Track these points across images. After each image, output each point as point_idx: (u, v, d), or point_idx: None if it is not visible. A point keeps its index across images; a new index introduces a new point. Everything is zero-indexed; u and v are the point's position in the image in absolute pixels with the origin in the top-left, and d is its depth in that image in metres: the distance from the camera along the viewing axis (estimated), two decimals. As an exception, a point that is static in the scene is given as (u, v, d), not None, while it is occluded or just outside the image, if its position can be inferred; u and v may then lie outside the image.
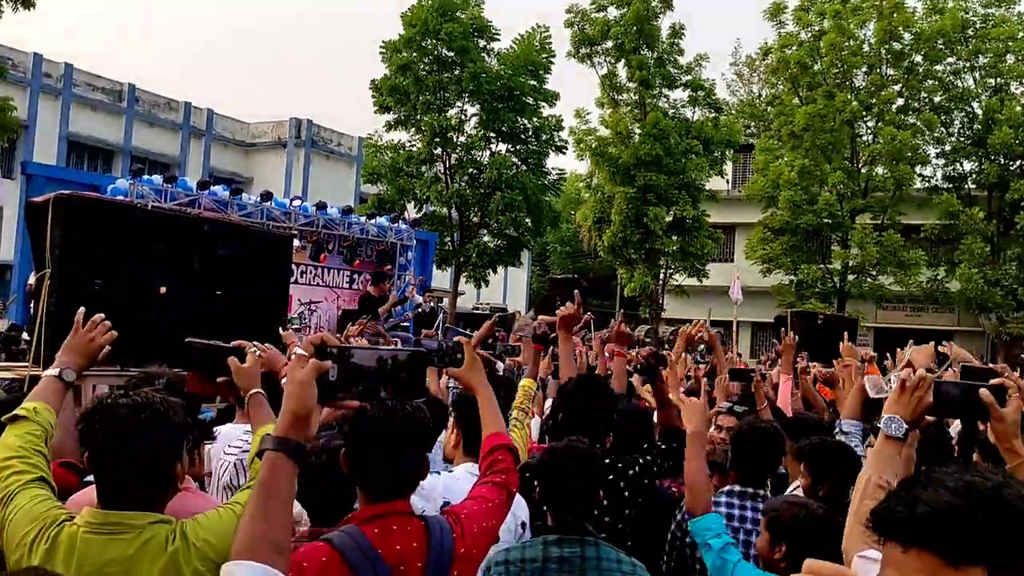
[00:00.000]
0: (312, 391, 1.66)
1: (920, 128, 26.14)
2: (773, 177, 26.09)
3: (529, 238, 25.34)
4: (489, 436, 2.48)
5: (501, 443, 2.45)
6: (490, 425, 2.52)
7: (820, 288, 25.78)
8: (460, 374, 2.61)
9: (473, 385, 2.59)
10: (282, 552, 1.57)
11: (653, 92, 26.72)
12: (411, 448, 2.09)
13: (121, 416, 1.91)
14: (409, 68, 23.25)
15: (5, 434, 2.11)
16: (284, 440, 1.62)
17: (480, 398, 2.58)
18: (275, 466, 1.61)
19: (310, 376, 1.66)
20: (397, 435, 2.04)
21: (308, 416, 1.65)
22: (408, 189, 23.60)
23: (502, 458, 2.41)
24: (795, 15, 27.46)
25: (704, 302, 25.03)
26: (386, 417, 2.03)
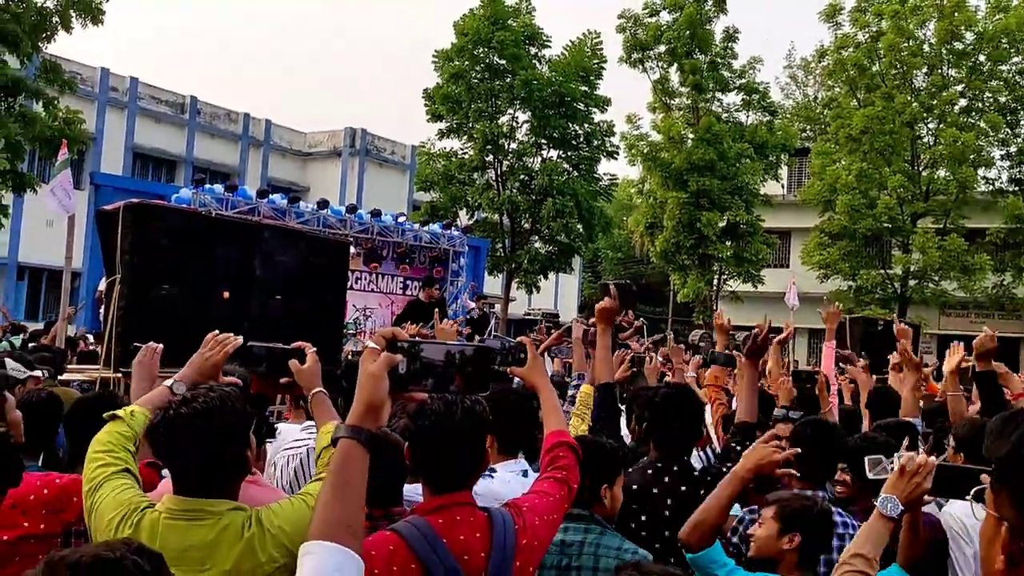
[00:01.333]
0: (384, 383, 1.73)
1: (984, 129, 25.42)
2: (830, 181, 25.63)
3: (580, 244, 25.32)
4: (551, 433, 2.53)
5: (563, 440, 2.50)
6: (552, 423, 2.57)
7: (880, 294, 25.24)
8: (524, 373, 2.67)
9: (536, 384, 2.66)
10: (356, 535, 1.65)
11: (706, 96, 26.53)
12: (471, 440, 2.15)
13: (182, 422, 2.01)
14: (461, 76, 23.48)
15: (100, 432, 2.25)
16: (358, 428, 1.70)
17: (543, 397, 2.64)
18: (349, 454, 1.69)
19: (382, 368, 1.73)
20: (457, 428, 2.10)
21: (380, 406, 1.73)
22: (460, 196, 23.79)
23: (563, 455, 2.46)
24: (852, 16, 26.97)
25: (759, 308, 24.60)
26: (446, 411, 2.10)
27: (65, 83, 16.41)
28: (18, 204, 19.69)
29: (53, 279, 23.69)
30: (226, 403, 2.06)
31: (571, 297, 37.88)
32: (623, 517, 3.13)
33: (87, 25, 15.87)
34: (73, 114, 15.69)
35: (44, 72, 16.15)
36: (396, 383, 1.78)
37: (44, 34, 15.84)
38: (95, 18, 15.85)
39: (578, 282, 39.38)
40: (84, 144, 17.40)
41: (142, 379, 2.76)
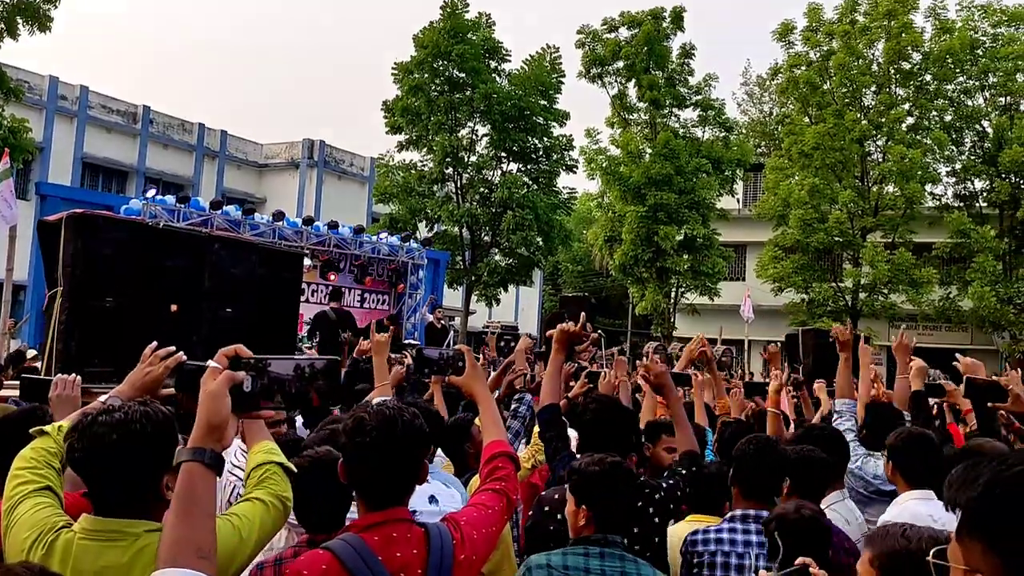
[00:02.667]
0: (224, 401, 1.72)
1: (930, 147, 26.07)
2: (784, 196, 26.08)
3: (540, 257, 25.40)
4: (490, 444, 2.50)
5: (501, 451, 2.47)
6: (491, 432, 2.55)
7: (832, 306, 25.67)
8: (462, 382, 2.66)
9: (475, 393, 2.65)
10: (206, 556, 1.61)
11: (664, 112, 26.87)
12: (410, 455, 2.10)
13: (100, 433, 1.92)
14: (421, 89, 23.46)
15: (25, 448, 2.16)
16: (200, 450, 1.69)
17: (481, 405, 2.62)
18: (192, 474, 1.67)
19: (223, 387, 1.73)
20: (398, 443, 2.06)
21: (222, 426, 1.72)
22: (419, 208, 23.73)
23: (502, 465, 2.43)
24: (804, 35, 27.56)
25: (715, 320, 24.93)
26: (387, 426, 2.05)
27: (11, 91, 16.06)
28: (-38, 214, 19.16)
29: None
30: (149, 416, 1.96)
31: (531, 310, 37.94)
32: (548, 532, 3.09)
33: (34, 32, 15.57)
34: (19, 123, 15.35)
35: (-11, 79, 15.79)
36: (243, 401, 1.76)
37: (-11, 40, 15.51)
38: (42, 25, 15.56)
39: (539, 295, 39.47)
40: (30, 153, 16.98)
41: (65, 412, 2.64)
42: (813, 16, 27.40)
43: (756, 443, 3.45)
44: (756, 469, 3.35)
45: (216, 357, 1.79)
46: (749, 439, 3.54)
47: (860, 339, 5.33)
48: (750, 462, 3.37)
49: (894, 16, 25.67)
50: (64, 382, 2.82)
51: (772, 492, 3.40)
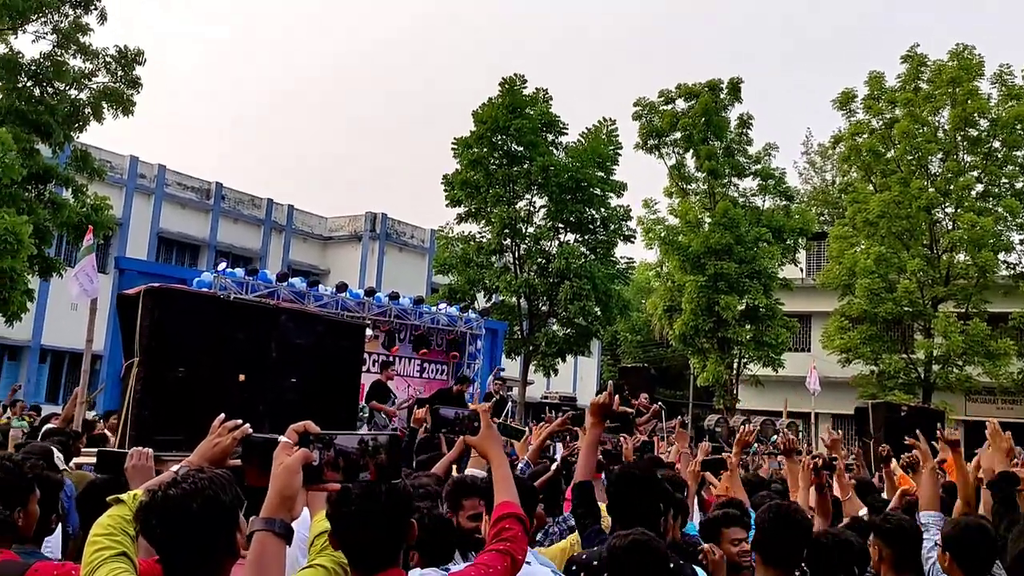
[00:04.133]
0: (297, 476, 1.84)
1: (1002, 214, 25.45)
2: (849, 265, 25.62)
3: (598, 327, 25.27)
4: (500, 504, 2.51)
5: (510, 512, 2.48)
6: (502, 493, 2.55)
7: (903, 379, 24.87)
8: (476, 442, 2.68)
9: (488, 454, 2.66)
10: None
11: (722, 181, 26.87)
12: (393, 522, 2.13)
13: (170, 503, 2.01)
14: (480, 163, 23.92)
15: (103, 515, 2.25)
16: (271, 520, 1.80)
17: (493, 466, 2.63)
18: (264, 544, 1.78)
19: (297, 463, 1.85)
20: (379, 512, 2.09)
21: (293, 497, 1.83)
22: (478, 279, 23.93)
23: (510, 527, 2.43)
24: (865, 103, 27.43)
25: (780, 393, 24.32)
26: (367, 496, 2.08)
27: (95, 171, 16.91)
28: (44, 288, 20.03)
29: (75, 362, 23.89)
30: (215, 484, 2.04)
31: (590, 380, 37.62)
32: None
33: (118, 116, 16.43)
34: (101, 200, 16.11)
35: (75, 160, 16.65)
36: (311, 474, 1.88)
37: (76, 124, 16.40)
38: (126, 109, 16.43)
39: (597, 365, 39.16)
40: (110, 229, 17.82)
41: (140, 483, 2.76)
42: (875, 84, 27.29)
43: (777, 511, 3.43)
44: (777, 536, 3.35)
45: (287, 433, 1.91)
46: (770, 506, 3.52)
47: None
48: (771, 529, 3.37)
49: (959, 83, 25.43)
50: (139, 454, 2.95)
51: (794, 561, 3.39)
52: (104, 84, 16.48)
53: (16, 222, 13.37)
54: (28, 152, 15.19)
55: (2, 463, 2.93)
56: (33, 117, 15.50)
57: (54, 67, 15.96)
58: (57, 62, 16.00)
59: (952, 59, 26.00)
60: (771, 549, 3.35)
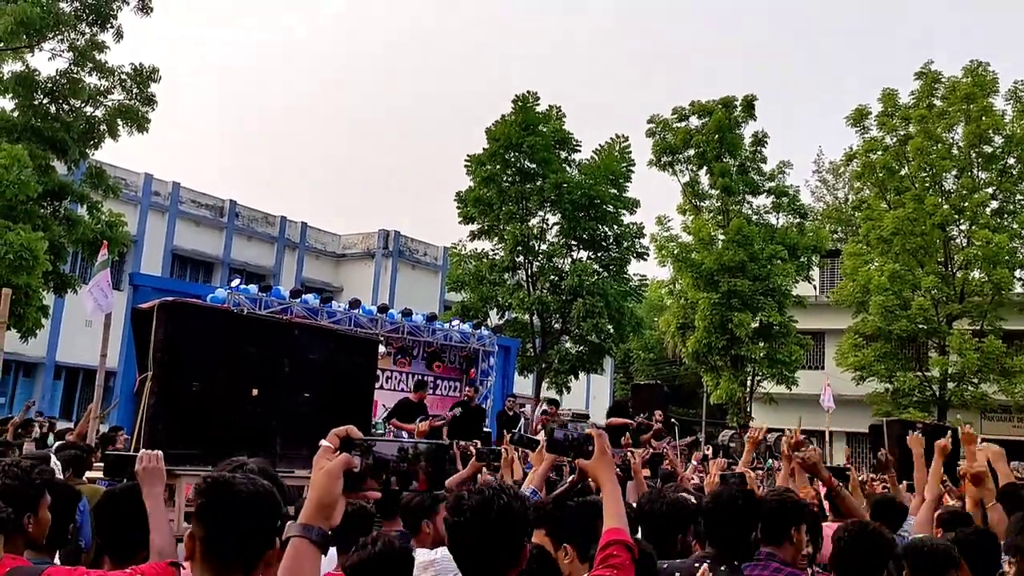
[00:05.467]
0: (338, 482, 1.76)
1: (1017, 231, 25.29)
2: (863, 282, 25.48)
3: (611, 344, 25.20)
4: (609, 530, 2.48)
5: (619, 539, 2.45)
6: (611, 520, 2.52)
7: (918, 396, 24.67)
8: (589, 466, 2.62)
9: (600, 478, 2.61)
10: None
11: (736, 199, 26.84)
12: (505, 538, 2.15)
13: (237, 492, 1.98)
14: (493, 180, 23.97)
15: None
16: (309, 527, 1.72)
17: (604, 491, 2.59)
18: (299, 551, 1.70)
19: (339, 469, 1.76)
20: (492, 525, 2.12)
21: (333, 505, 1.75)
22: (491, 296, 23.92)
23: (617, 553, 2.40)
24: (879, 120, 27.37)
25: (794, 410, 24.11)
26: (481, 507, 2.10)
27: (110, 188, 17.03)
28: (58, 304, 20.15)
29: (89, 378, 23.98)
30: (267, 475, 2.11)
31: (603, 398, 37.47)
32: None
33: (133, 133, 16.57)
34: (115, 217, 16.22)
35: (90, 177, 16.79)
36: (351, 481, 1.81)
37: (91, 141, 16.55)
38: (140, 126, 16.56)
39: (609, 383, 39.02)
40: (125, 246, 17.89)
41: (152, 485, 2.82)
42: (888, 101, 27.23)
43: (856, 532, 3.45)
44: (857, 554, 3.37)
45: (328, 437, 1.83)
46: (845, 527, 3.52)
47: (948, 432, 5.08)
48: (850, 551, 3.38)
49: (973, 100, 25.35)
50: (149, 456, 2.94)
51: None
52: (119, 101, 16.61)
53: (31, 238, 13.48)
54: (43, 169, 15.32)
55: (10, 468, 2.92)
56: (49, 134, 15.65)
57: (70, 84, 16.11)
58: (73, 79, 16.15)
59: (966, 75, 25.94)
60: (850, 567, 3.39)
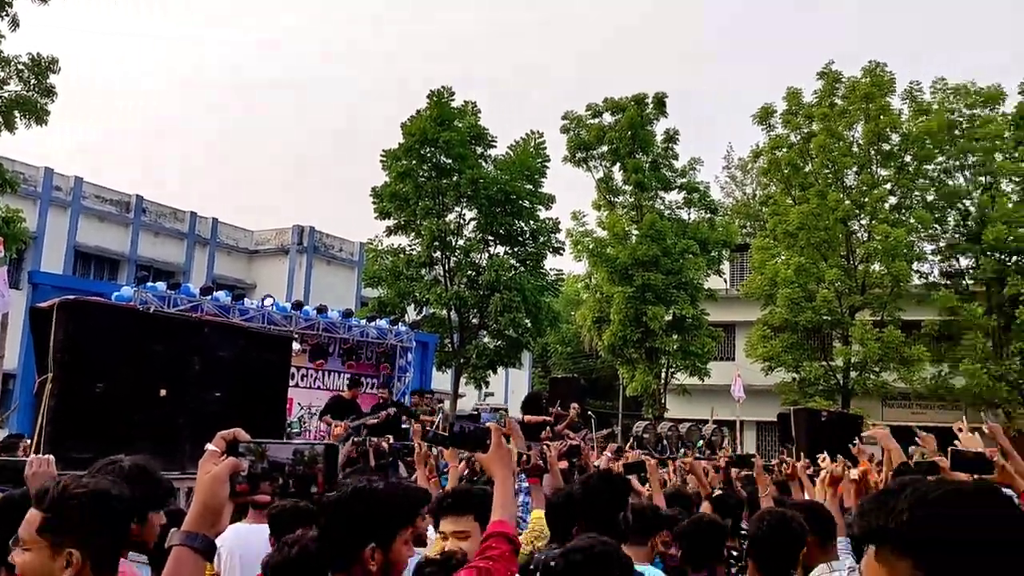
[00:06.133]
0: (224, 487, 1.70)
1: (914, 225, 26.48)
2: (770, 275, 26.32)
3: (529, 339, 25.38)
4: (493, 522, 2.51)
5: (500, 531, 2.47)
6: (496, 511, 2.55)
7: (823, 385, 25.63)
8: (485, 459, 2.67)
9: (494, 472, 2.64)
10: None
11: (649, 194, 27.34)
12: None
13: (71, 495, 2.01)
14: (409, 175, 23.83)
15: None
16: (193, 535, 1.66)
17: (496, 483, 2.62)
18: (180, 560, 1.64)
19: (225, 473, 1.70)
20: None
21: (219, 510, 1.69)
22: (408, 292, 23.80)
23: (496, 545, 2.42)
24: (784, 118, 28.29)
25: (706, 401, 24.85)
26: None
27: (7, 182, 16.24)
28: (-50, 304, 19.10)
29: (-16, 381, 22.83)
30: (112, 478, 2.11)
31: (521, 392, 37.49)
32: None
33: (31, 125, 15.84)
34: (13, 213, 15.48)
35: (-16, 171, 15.98)
36: (242, 485, 1.75)
37: (-14, 133, 15.75)
38: (39, 118, 15.85)
39: (528, 377, 39.27)
40: (24, 243, 17.09)
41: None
42: (793, 100, 28.18)
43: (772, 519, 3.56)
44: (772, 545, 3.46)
45: (215, 440, 1.77)
46: (763, 514, 3.64)
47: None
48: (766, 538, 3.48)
49: (871, 99, 26.44)
50: (39, 460, 2.87)
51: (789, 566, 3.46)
52: (16, 92, 15.87)
53: (-80, 235, 12.74)
54: (-67, 162, 14.53)
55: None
56: (-61, 126, 14.86)
57: (-39, 74, 15.31)
58: (-35, 69, 15.36)
59: (865, 76, 27.04)
60: (765, 552, 3.47)
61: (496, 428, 2.67)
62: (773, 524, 3.51)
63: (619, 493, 3.58)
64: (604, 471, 5.07)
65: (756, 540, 3.53)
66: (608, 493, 3.48)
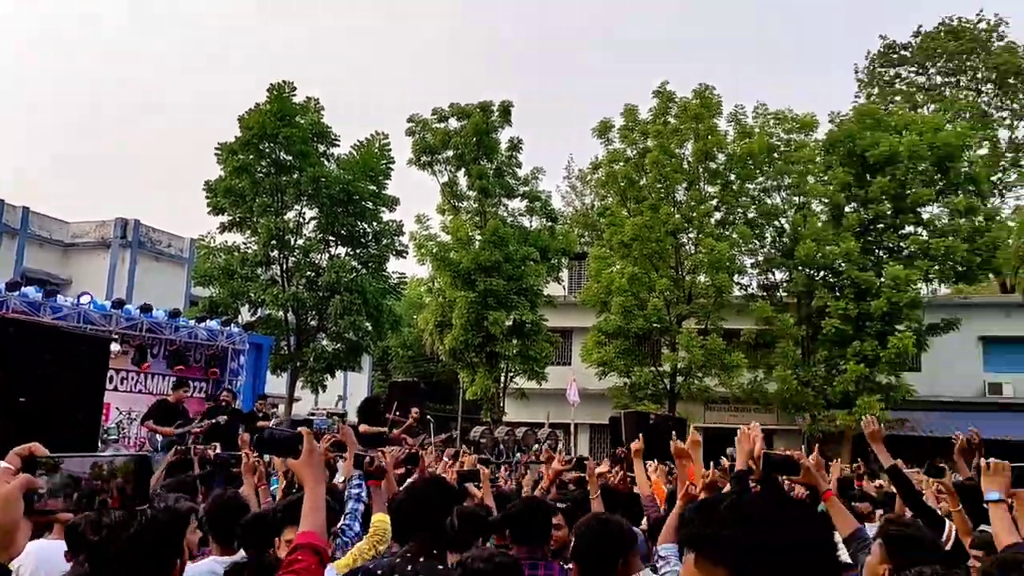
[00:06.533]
0: (18, 505, 1.58)
1: (736, 240, 28.16)
2: (606, 284, 27.23)
3: (369, 342, 25.05)
4: (301, 534, 2.41)
5: (309, 543, 2.38)
6: (307, 523, 2.44)
7: (652, 389, 26.75)
8: (296, 466, 2.56)
9: (304, 478, 2.54)
10: None
11: (492, 201, 27.64)
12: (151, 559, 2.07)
13: None
14: (246, 170, 22.97)
15: None
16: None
17: (306, 491, 2.52)
18: None
19: (17, 492, 1.58)
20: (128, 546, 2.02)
21: (13, 531, 1.57)
22: (242, 292, 22.93)
23: (302, 558, 2.34)
24: (621, 133, 29.40)
25: (543, 405, 25.43)
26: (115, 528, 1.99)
27: None
28: None
29: None
30: None
31: (360, 396, 36.92)
32: None
33: None
34: None
35: None
36: (33, 504, 1.63)
37: None
38: None
39: (368, 380, 38.70)
40: None
41: None
42: (629, 116, 29.33)
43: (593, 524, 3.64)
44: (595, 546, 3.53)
45: (8, 457, 1.62)
46: (585, 520, 3.72)
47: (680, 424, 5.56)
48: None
49: (701, 119, 27.93)
50: None
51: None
52: None
53: None
54: None
55: None
56: None
57: None
58: None
59: (696, 97, 28.55)
60: (588, 557, 3.51)
61: (308, 433, 2.59)
62: (594, 529, 3.60)
63: (448, 498, 3.61)
64: (435, 477, 5.10)
65: (578, 544, 3.60)
66: (437, 499, 3.51)
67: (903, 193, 26.84)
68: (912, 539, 3.39)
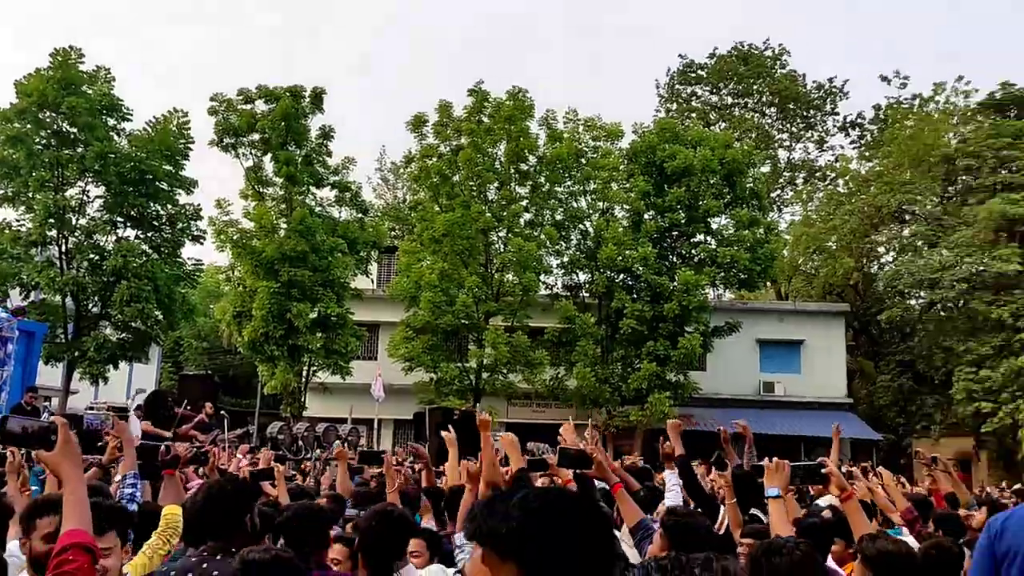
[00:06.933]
0: None
1: (543, 241, 29.01)
2: (415, 278, 27.16)
3: (159, 332, 23.54)
4: (67, 532, 2.20)
5: (76, 542, 2.17)
6: (71, 518, 2.23)
7: (458, 385, 26.97)
8: (50, 458, 2.34)
9: (62, 473, 2.32)
10: None
11: (300, 188, 26.72)
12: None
13: None
14: (21, 141, 20.93)
15: None
16: None
17: (66, 487, 2.31)
18: None
19: None
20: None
21: None
22: (12, 273, 20.88)
23: (73, 558, 2.13)
24: (435, 129, 29.44)
25: (347, 399, 24.87)
26: None
27: None
28: None
29: None
30: None
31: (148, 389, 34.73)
32: None
33: None
34: None
35: None
36: None
37: None
38: None
39: (156, 373, 36.32)
40: None
41: None
42: (444, 112, 29.42)
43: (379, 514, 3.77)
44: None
45: None
46: (371, 512, 3.85)
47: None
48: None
49: (514, 121, 28.50)
50: None
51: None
52: None
53: None
54: None
55: None
56: None
57: None
58: None
59: (510, 99, 29.09)
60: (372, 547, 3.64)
61: (63, 423, 2.33)
62: (379, 518, 3.72)
63: (246, 497, 3.51)
64: (229, 477, 4.96)
65: (363, 534, 3.70)
66: (234, 498, 3.40)
67: (696, 203, 28.77)
68: (690, 527, 3.60)
